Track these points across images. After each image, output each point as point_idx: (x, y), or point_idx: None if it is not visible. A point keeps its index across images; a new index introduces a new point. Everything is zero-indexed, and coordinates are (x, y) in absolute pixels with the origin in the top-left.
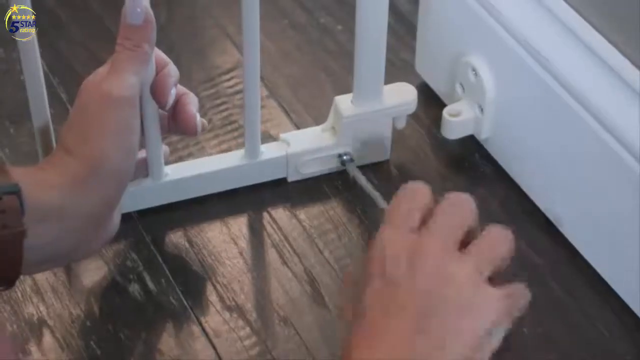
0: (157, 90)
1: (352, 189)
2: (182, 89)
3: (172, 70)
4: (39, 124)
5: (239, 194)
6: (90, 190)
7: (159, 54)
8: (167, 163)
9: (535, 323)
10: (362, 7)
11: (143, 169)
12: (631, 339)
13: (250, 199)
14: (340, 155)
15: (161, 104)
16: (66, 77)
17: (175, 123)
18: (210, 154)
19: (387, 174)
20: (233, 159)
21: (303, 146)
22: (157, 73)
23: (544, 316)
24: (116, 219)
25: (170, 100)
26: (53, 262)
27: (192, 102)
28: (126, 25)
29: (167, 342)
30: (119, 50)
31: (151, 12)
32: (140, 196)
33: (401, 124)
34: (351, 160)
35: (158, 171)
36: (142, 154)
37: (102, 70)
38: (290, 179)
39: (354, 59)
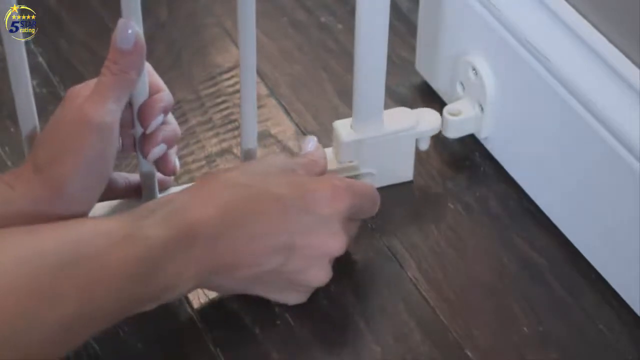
0: (142, 112)
1: None
2: (169, 119)
3: (165, 96)
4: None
5: None
6: (51, 214)
7: (156, 79)
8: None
9: (536, 322)
10: (361, 34)
11: (137, 191)
12: (632, 337)
13: None
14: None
15: (143, 126)
16: (66, 76)
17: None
18: (211, 152)
19: None
20: None
21: None
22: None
23: (544, 315)
24: None
25: (154, 124)
26: None
27: (164, 131)
28: (115, 48)
29: (167, 340)
30: (104, 73)
31: (142, 37)
32: None
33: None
34: None
35: (151, 195)
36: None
37: (91, 83)
38: None
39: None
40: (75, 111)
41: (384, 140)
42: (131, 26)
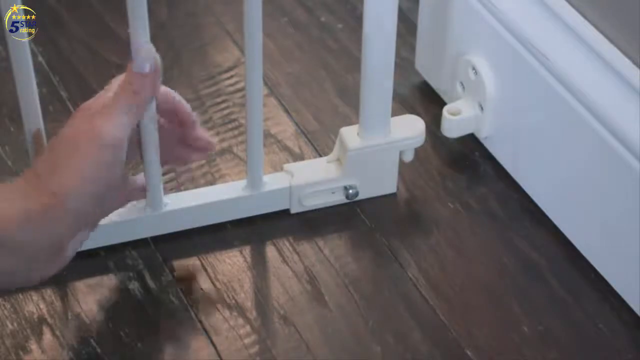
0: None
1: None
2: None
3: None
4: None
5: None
6: (45, 225)
7: (184, 108)
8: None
9: (536, 321)
10: (368, 44)
11: (142, 193)
12: (631, 336)
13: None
14: (345, 188)
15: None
16: (66, 75)
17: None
18: (211, 152)
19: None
20: (234, 190)
21: (307, 178)
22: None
23: (544, 314)
24: (70, 252)
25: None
26: None
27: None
28: (132, 71)
29: (167, 340)
30: (119, 90)
31: (159, 60)
32: (137, 226)
33: (408, 157)
34: (357, 193)
35: (157, 201)
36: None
37: (102, 96)
38: (293, 211)
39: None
40: (86, 123)
41: (390, 148)
42: (150, 51)
